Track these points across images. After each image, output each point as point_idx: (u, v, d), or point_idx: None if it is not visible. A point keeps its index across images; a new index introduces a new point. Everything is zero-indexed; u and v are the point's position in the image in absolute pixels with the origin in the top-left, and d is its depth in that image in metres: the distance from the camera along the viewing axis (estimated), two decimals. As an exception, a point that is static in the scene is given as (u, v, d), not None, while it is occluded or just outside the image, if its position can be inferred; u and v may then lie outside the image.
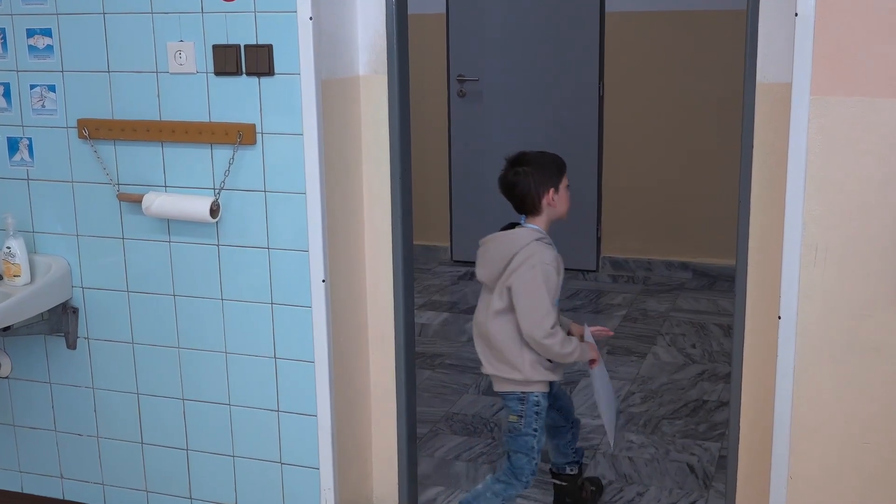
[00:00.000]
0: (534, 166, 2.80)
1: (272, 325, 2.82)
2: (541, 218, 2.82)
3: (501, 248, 2.75)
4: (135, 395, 3.02)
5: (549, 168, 2.82)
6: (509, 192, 2.82)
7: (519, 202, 2.81)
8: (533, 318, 2.70)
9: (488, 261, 2.78)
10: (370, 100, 2.86)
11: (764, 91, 2.48)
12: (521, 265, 2.72)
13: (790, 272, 2.41)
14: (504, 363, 2.78)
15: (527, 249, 2.73)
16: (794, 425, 2.48)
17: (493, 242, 2.79)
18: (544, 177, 2.79)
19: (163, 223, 2.86)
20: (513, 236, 2.76)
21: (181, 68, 2.73)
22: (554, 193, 2.80)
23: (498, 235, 2.79)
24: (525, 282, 2.70)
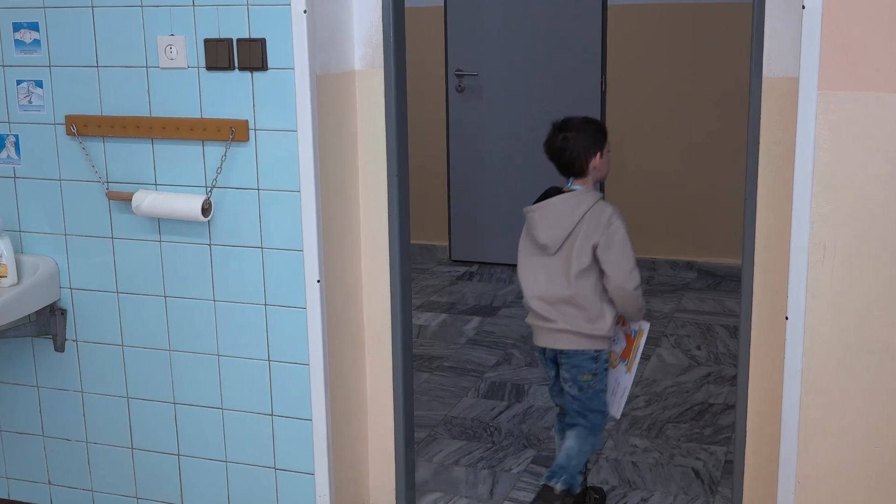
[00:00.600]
0: (580, 131, 3.00)
1: (266, 327, 2.82)
2: (587, 180, 2.99)
3: (568, 209, 2.92)
4: (125, 399, 3.02)
5: (595, 133, 3.02)
6: (557, 156, 3.01)
7: (567, 165, 2.99)
8: (625, 270, 2.90)
9: (554, 223, 2.92)
10: (366, 95, 2.86)
11: (770, 86, 2.48)
12: (602, 222, 2.90)
13: (798, 271, 2.42)
14: (587, 321, 2.93)
15: (599, 207, 2.93)
16: (802, 428, 2.49)
17: (554, 205, 2.94)
18: (590, 141, 2.99)
19: (153, 222, 2.86)
20: (577, 197, 2.94)
21: (172, 63, 2.73)
22: (599, 157, 3.00)
23: (558, 198, 2.95)
24: (615, 236, 2.90)
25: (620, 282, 2.90)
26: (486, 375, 4.42)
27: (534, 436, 3.80)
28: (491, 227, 6.13)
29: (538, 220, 2.96)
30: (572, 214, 2.91)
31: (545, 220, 2.94)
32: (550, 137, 3.04)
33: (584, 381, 2.97)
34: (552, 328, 2.95)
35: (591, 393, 2.98)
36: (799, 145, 2.36)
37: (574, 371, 2.96)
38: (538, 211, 2.96)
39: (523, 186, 5.99)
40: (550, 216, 2.94)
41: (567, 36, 5.76)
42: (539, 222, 2.95)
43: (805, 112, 2.34)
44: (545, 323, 2.96)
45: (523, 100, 5.91)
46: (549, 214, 2.94)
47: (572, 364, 2.96)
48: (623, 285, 2.90)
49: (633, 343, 3.06)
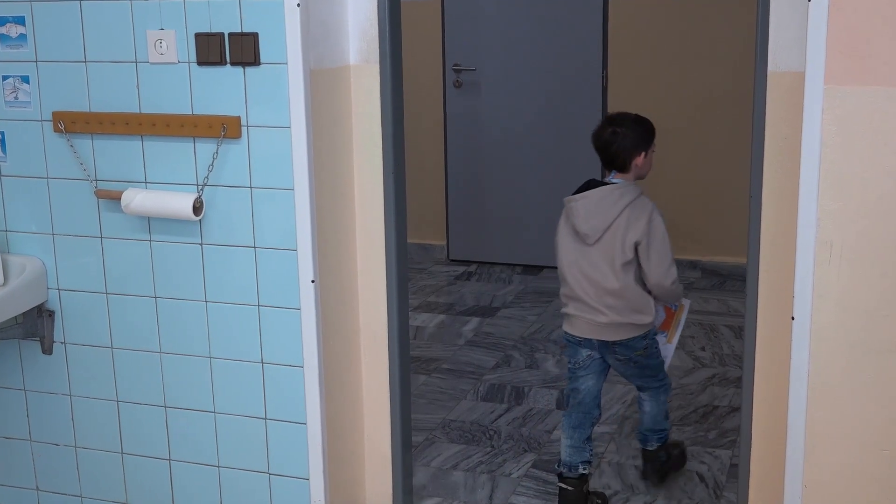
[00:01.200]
0: (629, 129, 3.19)
1: (259, 328, 2.82)
2: (628, 175, 3.18)
3: (610, 201, 3.09)
4: (114, 403, 3.02)
5: (643, 133, 3.21)
6: (603, 149, 3.19)
7: (611, 159, 3.18)
8: (664, 266, 3.11)
9: (595, 213, 3.08)
10: (361, 91, 2.86)
11: (776, 80, 2.48)
12: (642, 217, 3.09)
13: (804, 270, 2.42)
14: (636, 311, 3.12)
15: (640, 203, 3.12)
16: (809, 431, 2.49)
17: (596, 196, 3.10)
18: (638, 140, 3.18)
19: (143, 221, 2.86)
20: (620, 190, 3.11)
21: (162, 58, 2.73)
22: (643, 156, 3.18)
23: (600, 190, 3.11)
24: (655, 234, 3.10)
25: (658, 279, 3.11)
26: (485, 377, 4.42)
27: (534, 439, 3.80)
28: (490, 225, 6.13)
29: (580, 209, 3.10)
30: (614, 207, 3.08)
31: (586, 209, 3.10)
32: (599, 129, 3.22)
33: (638, 355, 3.21)
34: (600, 322, 3.12)
35: (647, 360, 3.23)
36: (805, 141, 2.36)
37: (627, 352, 3.19)
38: (581, 200, 3.11)
39: (523, 184, 6.00)
40: (592, 206, 3.09)
41: (568, 30, 5.76)
42: (580, 211, 3.10)
43: (811, 107, 2.35)
44: (593, 315, 3.13)
45: (523, 95, 5.91)
46: (591, 205, 3.09)
47: (625, 348, 3.17)
48: (661, 282, 3.12)
49: (674, 317, 3.30)
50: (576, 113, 5.81)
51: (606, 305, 3.11)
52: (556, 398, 4.16)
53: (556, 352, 4.70)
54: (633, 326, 3.15)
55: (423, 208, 6.06)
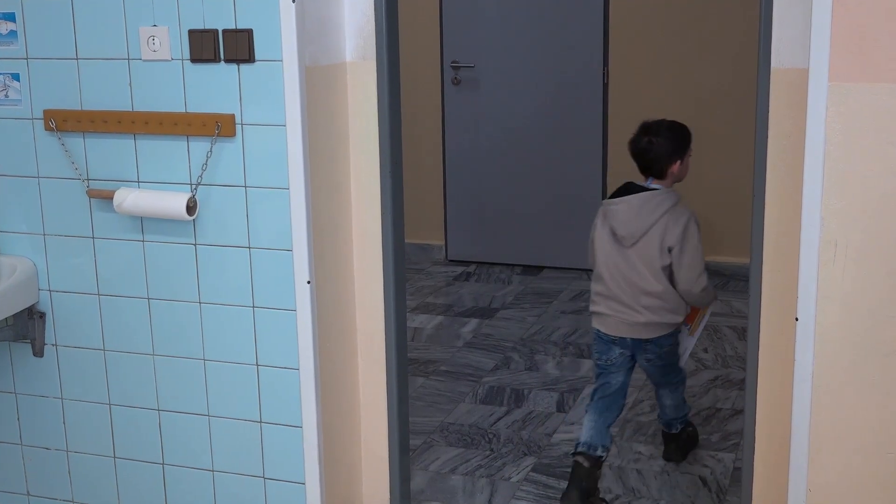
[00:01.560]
0: (664, 137, 3.31)
1: (254, 330, 2.82)
2: (665, 182, 3.32)
3: (650, 208, 3.25)
4: (107, 406, 3.02)
5: (678, 140, 3.33)
6: (639, 157, 3.33)
7: (647, 166, 3.32)
8: (694, 273, 3.28)
9: (634, 218, 3.24)
10: (358, 88, 2.86)
11: (779, 77, 2.48)
12: (678, 224, 3.25)
13: (808, 271, 2.42)
14: (671, 312, 3.30)
15: (678, 211, 3.28)
16: (813, 434, 2.49)
17: (637, 201, 3.25)
18: (674, 148, 3.30)
19: (136, 221, 2.86)
20: (659, 196, 3.27)
21: (155, 55, 2.73)
22: (679, 163, 3.31)
23: (641, 196, 3.26)
24: (689, 242, 3.27)
25: (688, 286, 3.29)
26: (483, 380, 4.42)
27: (534, 443, 3.80)
28: (489, 225, 6.13)
29: (620, 213, 3.26)
30: (653, 213, 3.24)
31: (625, 213, 3.26)
32: (636, 138, 3.35)
33: (665, 352, 3.39)
34: (637, 321, 3.29)
35: (671, 358, 3.44)
36: (809, 139, 2.36)
37: (657, 350, 3.36)
38: (621, 205, 3.26)
39: (523, 183, 6.00)
40: (632, 211, 3.25)
41: (568, 26, 5.76)
42: (620, 216, 3.26)
43: (815, 104, 2.34)
44: (630, 315, 3.29)
45: (522, 92, 5.91)
46: (631, 210, 3.25)
47: (655, 345, 3.35)
48: (690, 289, 3.29)
49: (698, 314, 3.47)
50: (577, 110, 5.81)
51: (643, 305, 3.27)
52: (557, 401, 4.16)
53: (557, 353, 4.71)
54: (666, 325, 3.33)
55: (420, 208, 6.06)
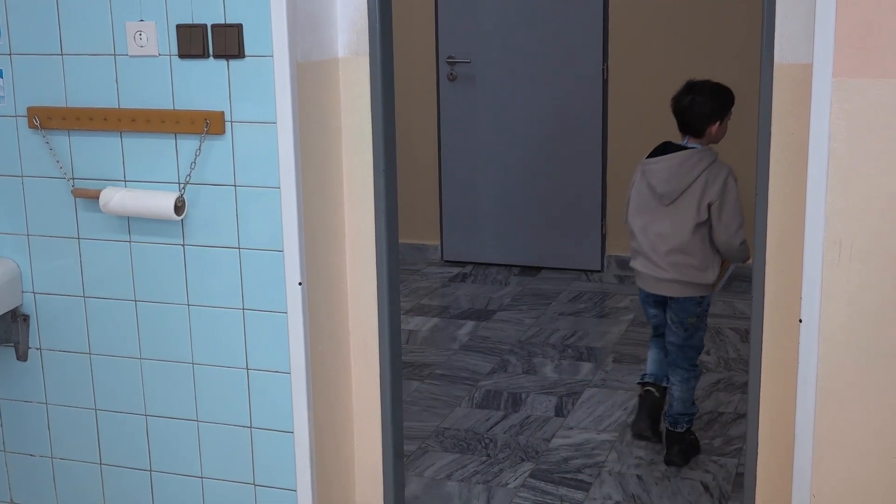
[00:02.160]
0: (707, 97, 3.51)
1: (244, 333, 2.82)
2: (702, 141, 3.53)
3: (689, 166, 3.46)
4: (92, 411, 3.02)
5: (720, 102, 3.50)
6: (680, 114, 3.54)
7: (687, 124, 3.53)
8: (733, 227, 3.47)
9: (674, 176, 3.46)
10: (351, 84, 2.86)
11: (782, 72, 2.48)
12: (718, 180, 3.45)
13: (812, 271, 2.42)
14: (700, 270, 3.49)
15: (717, 167, 3.47)
16: (818, 438, 2.49)
17: (676, 159, 3.47)
18: (715, 109, 3.49)
19: (122, 221, 2.85)
20: (698, 155, 3.48)
21: (142, 50, 2.73)
22: (718, 125, 3.51)
23: (680, 154, 3.48)
24: (728, 197, 3.45)
25: (728, 238, 3.47)
26: (480, 383, 4.43)
27: (532, 448, 3.81)
28: (485, 225, 6.14)
29: (660, 171, 3.48)
30: (692, 171, 3.44)
31: (666, 171, 3.48)
32: (679, 95, 3.56)
33: (690, 322, 3.58)
34: (663, 278, 3.53)
35: (692, 331, 3.60)
36: (813, 136, 2.37)
37: (682, 314, 3.57)
38: (661, 163, 3.48)
39: (520, 181, 6.01)
40: (671, 169, 3.47)
41: (567, 20, 5.77)
42: (659, 174, 3.48)
43: (819, 101, 2.35)
44: (656, 271, 3.53)
45: (520, 88, 5.91)
46: (672, 168, 3.47)
47: (680, 308, 3.56)
48: (730, 241, 3.48)
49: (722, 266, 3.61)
50: (576, 107, 5.82)
51: (671, 263, 3.50)
52: (555, 405, 4.17)
53: (555, 356, 4.71)
54: (692, 286, 3.53)
55: (415, 207, 6.06)
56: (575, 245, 5.97)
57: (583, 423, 4.01)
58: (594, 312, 5.35)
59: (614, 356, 4.70)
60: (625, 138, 5.78)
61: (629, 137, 5.77)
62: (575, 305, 5.45)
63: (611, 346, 4.84)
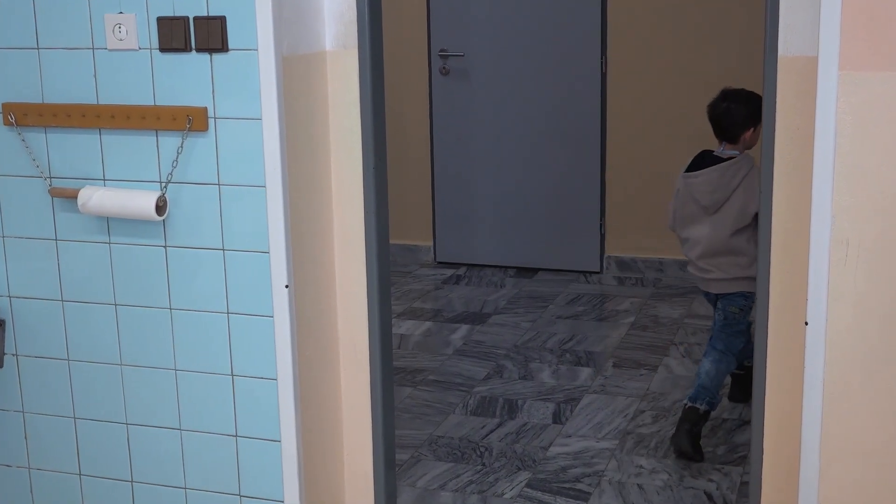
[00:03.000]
0: (741, 105, 3.76)
1: (228, 338, 2.82)
2: (737, 146, 3.77)
3: (729, 176, 3.72)
4: (71, 420, 3.01)
5: (755, 110, 3.63)
6: (715, 121, 3.81)
7: (722, 131, 3.79)
8: None
9: (717, 188, 3.73)
10: (339, 78, 2.86)
11: (787, 65, 2.49)
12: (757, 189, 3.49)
13: (818, 272, 2.43)
14: (743, 267, 3.75)
15: (754, 173, 3.65)
16: (824, 445, 2.50)
17: (713, 173, 3.74)
18: (749, 116, 3.73)
19: (102, 222, 2.85)
20: (736, 165, 3.73)
21: (121, 44, 2.73)
22: (752, 131, 3.74)
23: (719, 167, 3.73)
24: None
25: None
26: (475, 390, 4.43)
27: (528, 456, 3.81)
28: (480, 225, 6.14)
29: (701, 184, 3.75)
30: (732, 181, 3.70)
31: (708, 185, 3.74)
32: (715, 102, 3.83)
33: (731, 311, 3.83)
34: (710, 278, 3.81)
35: (732, 321, 3.84)
36: (818, 131, 2.37)
37: (726, 304, 3.83)
38: (702, 176, 3.75)
39: (516, 179, 6.01)
40: (713, 182, 3.73)
41: (564, 12, 5.77)
42: (701, 187, 3.75)
43: (825, 95, 2.35)
44: (705, 274, 3.82)
45: (515, 83, 5.92)
46: (713, 181, 3.73)
47: (727, 301, 3.83)
48: None
49: None
50: (573, 102, 5.82)
51: (716, 264, 3.76)
52: (553, 412, 4.17)
53: (553, 361, 4.71)
54: (739, 280, 3.76)
55: (407, 206, 6.06)
56: (573, 245, 5.97)
57: (581, 430, 4.01)
58: (593, 315, 5.35)
59: (614, 361, 4.70)
60: (624, 134, 5.79)
61: (628, 133, 5.78)
62: (573, 308, 5.46)
63: (610, 350, 4.85)
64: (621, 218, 5.88)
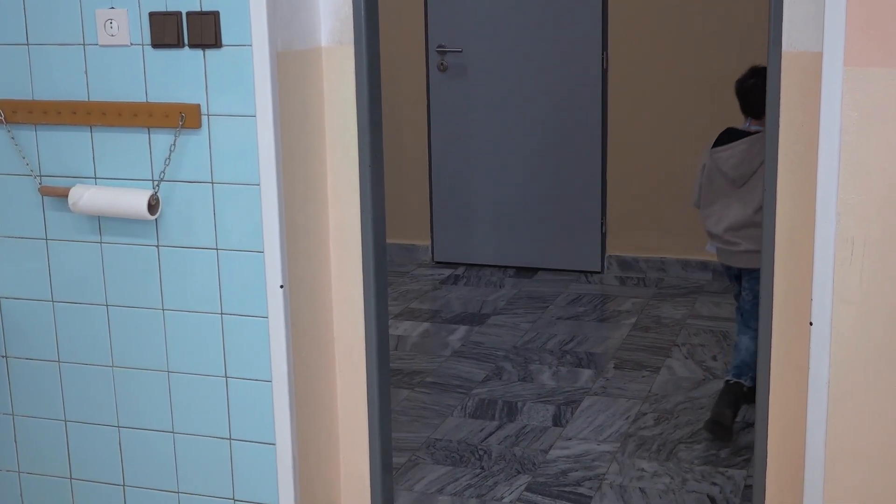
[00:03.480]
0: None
1: (222, 339, 2.83)
2: (762, 122, 3.76)
3: (756, 150, 3.81)
4: (62, 423, 3.02)
5: None
6: (743, 97, 3.95)
7: (749, 106, 3.93)
8: None
9: (743, 161, 3.87)
10: (334, 75, 2.86)
11: (791, 61, 2.50)
12: None
13: (823, 271, 2.43)
14: None
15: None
16: (829, 447, 2.50)
17: (741, 146, 3.88)
18: None
19: (93, 221, 2.86)
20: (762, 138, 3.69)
21: (112, 40, 2.73)
22: None
23: (745, 141, 3.88)
24: None
25: None
26: (473, 392, 4.43)
27: (528, 460, 3.82)
28: (478, 224, 6.14)
29: (728, 158, 3.90)
30: (760, 154, 3.68)
31: (735, 157, 3.89)
32: (743, 78, 3.95)
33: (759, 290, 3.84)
34: (737, 250, 3.91)
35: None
36: (823, 128, 2.38)
37: (752, 282, 3.87)
38: (729, 150, 3.90)
39: (515, 177, 6.02)
40: (740, 155, 3.87)
41: (564, 8, 5.78)
42: (729, 160, 3.90)
43: (830, 91, 2.36)
44: (731, 247, 3.92)
45: (514, 79, 5.92)
46: (740, 154, 3.87)
47: (751, 277, 3.88)
48: None
49: None
50: (574, 98, 5.83)
51: (744, 236, 3.86)
52: (553, 414, 4.18)
53: (553, 363, 4.72)
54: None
55: (404, 204, 6.06)
56: (573, 245, 5.98)
57: (582, 433, 4.02)
58: (594, 316, 5.36)
59: (615, 362, 4.71)
60: (626, 131, 5.80)
61: (630, 130, 5.79)
62: (574, 309, 5.46)
63: (612, 351, 4.85)
64: (623, 216, 5.88)
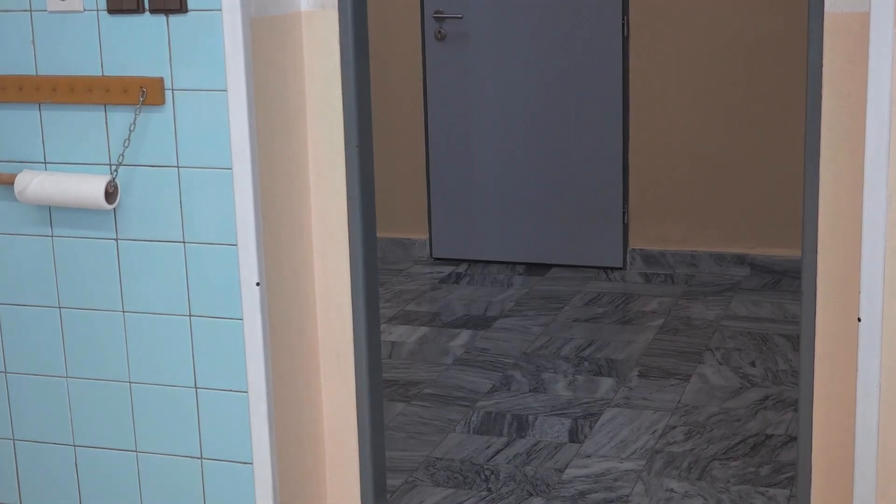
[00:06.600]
0: None
1: (191, 345, 2.83)
2: None
3: None
4: (10, 442, 3.02)
5: None
6: None
7: None
8: None
9: None
10: (316, 44, 2.87)
11: (835, 23, 2.50)
12: None
13: (872, 262, 2.44)
14: None
15: None
16: (882, 462, 2.51)
17: None
18: None
19: (43, 211, 2.86)
20: None
21: (63, 5, 2.73)
22: None
23: None
24: None
25: None
26: (478, 405, 4.44)
27: (541, 480, 3.82)
28: (483, 215, 6.15)
29: None
30: None
31: None
32: None
33: None
34: None
35: None
36: (871, 99, 2.38)
37: None
38: None
39: (523, 163, 6.01)
40: None
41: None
42: None
43: (878, 56, 2.36)
44: None
45: (521, 49, 5.92)
46: None
47: None
48: None
49: None
50: (590, 70, 5.82)
51: None
52: (569, 428, 4.19)
53: (568, 371, 4.73)
54: None
55: (398, 193, 6.07)
56: (591, 238, 5.98)
57: (602, 449, 4.02)
58: (615, 318, 5.36)
59: (640, 370, 4.71)
60: (650, 107, 5.79)
61: (655, 106, 5.78)
62: (592, 310, 5.47)
63: (635, 357, 4.86)
64: (647, 205, 5.88)
